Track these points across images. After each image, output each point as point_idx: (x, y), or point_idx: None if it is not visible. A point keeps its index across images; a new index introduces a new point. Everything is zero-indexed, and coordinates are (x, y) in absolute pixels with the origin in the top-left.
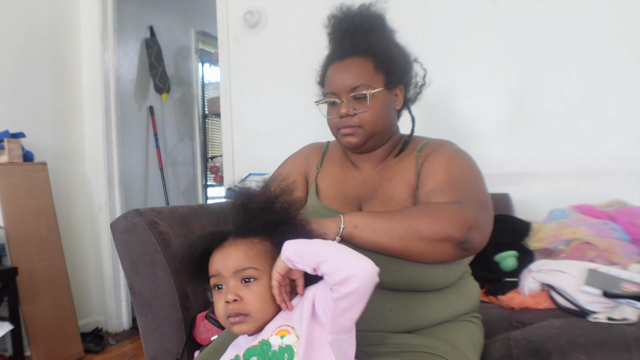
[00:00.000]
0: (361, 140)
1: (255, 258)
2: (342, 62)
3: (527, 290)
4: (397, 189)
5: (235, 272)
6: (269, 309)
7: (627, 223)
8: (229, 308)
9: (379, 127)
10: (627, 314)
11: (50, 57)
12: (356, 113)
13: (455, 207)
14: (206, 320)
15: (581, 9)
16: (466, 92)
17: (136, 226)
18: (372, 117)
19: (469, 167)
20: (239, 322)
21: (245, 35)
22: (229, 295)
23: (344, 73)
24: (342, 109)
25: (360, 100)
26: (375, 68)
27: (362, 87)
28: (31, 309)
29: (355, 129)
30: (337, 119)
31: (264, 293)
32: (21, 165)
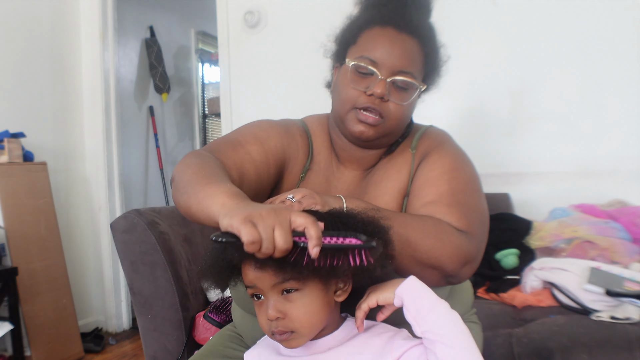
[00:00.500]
0: (376, 135)
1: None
2: (398, 34)
3: (529, 288)
4: (385, 196)
5: (274, 286)
6: (318, 321)
7: (628, 222)
8: (273, 325)
9: (400, 127)
10: (630, 313)
11: (50, 57)
12: (389, 100)
13: (461, 239)
14: (204, 320)
15: (581, 9)
16: (466, 92)
17: (136, 226)
18: (402, 115)
19: (472, 178)
20: (286, 340)
21: (245, 35)
22: (270, 311)
23: (398, 48)
24: (378, 88)
25: (401, 90)
26: (425, 63)
27: (411, 76)
28: (31, 309)
29: (378, 120)
30: (360, 94)
31: (310, 304)
32: (21, 165)
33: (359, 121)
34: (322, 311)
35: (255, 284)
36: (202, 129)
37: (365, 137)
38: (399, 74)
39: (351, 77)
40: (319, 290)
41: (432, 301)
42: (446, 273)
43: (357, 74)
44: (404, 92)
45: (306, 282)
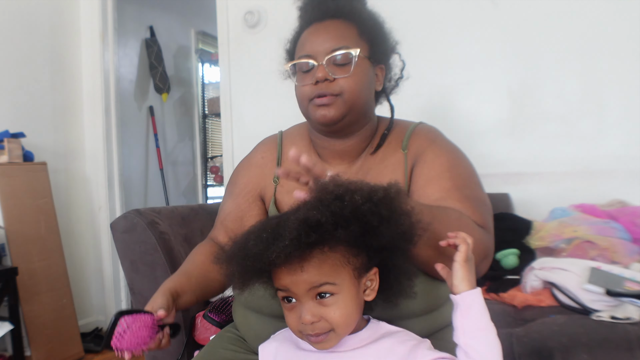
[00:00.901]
0: (339, 112)
1: (331, 270)
2: (321, 23)
3: (529, 287)
4: None
5: (309, 290)
6: (352, 322)
7: (628, 222)
8: (308, 328)
9: (360, 100)
10: (630, 312)
11: (50, 57)
12: (336, 78)
13: (482, 233)
14: (204, 320)
15: (581, 9)
16: (466, 92)
17: (136, 226)
18: (354, 85)
19: (472, 171)
20: (321, 341)
21: (245, 35)
22: (306, 316)
23: (324, 34)
24: (318, 72)
25: (343, 65)
26: (360, 34)
27: (344, 48)
28: (31, 309)
29: (333, 98)
30: (309, 87)
31: (346, 307)
32: (21, 165)
33: (317, 107)
34: (355, 312)
35: (289, 288)
36: (202, 129)
37: (329, 118)
38: (332, 52)
39: (298, 78)
40: (353, 292)
41: (487, 322)
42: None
43: (301, 73)
44: (346, 65)
45: (341, 286)
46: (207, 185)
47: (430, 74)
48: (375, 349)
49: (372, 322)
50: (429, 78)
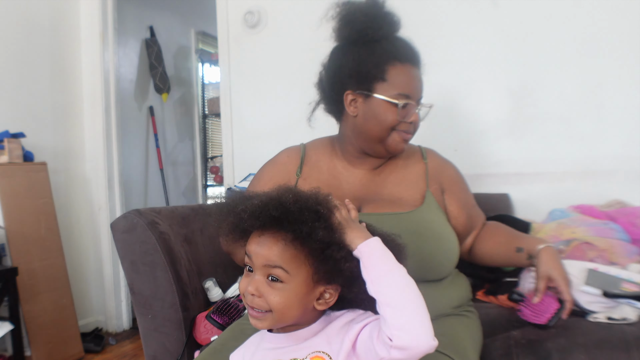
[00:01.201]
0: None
1: (290, 260)
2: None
3: (527, 290)
4: (409, 191)
5: (264, 265)
6: (288, 315)
7: (627, 223)
8: (249, 298)
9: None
10: (627, 313)
11: (50, 57)
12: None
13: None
14: (206, 321)
15: (581, 9)
16: (466, 92)
17: (136, 226)
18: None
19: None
20: (256, 317)
21: (245, 35)
22: (250, 286)
23: (418, 81)
24: (412, 117)
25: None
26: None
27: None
28: (31, 309)
29: (411, 136)
30: (399, 122)
31: (288, 299)
32: (21, 165)
33: (402, 140)
34: (296, 309)
35: (251, 255)
36: (202, 129)
37: (400, 150)
38: (419, 102)
39: (384, 106)
40: (300, 292)
41: (391, 265)
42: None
43: (394, 106)
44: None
45: (292, 278)
46: (207, 185)
47: (430, 74)
48: (324, 335)
49: (325, 314)
50: (429, 78)
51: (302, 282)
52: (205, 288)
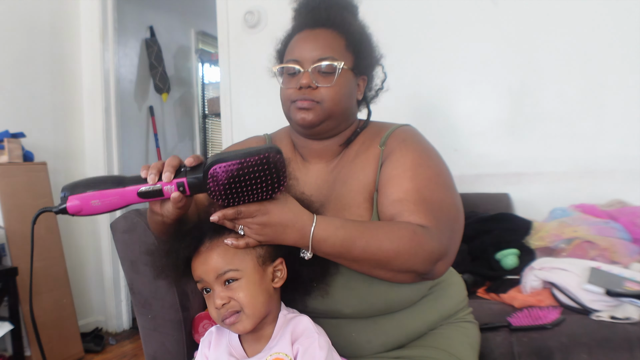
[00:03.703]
0: (317, 118)
1: (234, 258)
2: (312, 31)
3: (529, 288)
4: (352, 192)
5: (217, 277)
6: (259, 304)
7: (628, 222)
8: (221, 312)
9: (339, 108)
10: (630, 312)
11: (50, 57)
12: (318, 86)
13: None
14: (206, 321)
15: (581, 9)
16: (466, 92)
17: (136, 226)
18: (335, 95)
19: (437, 172)
20: (234, 322)
21: (245, 35)
22: (217, 300)
23: (313, 41)
24: (303, 79)
25: (327, 74)
26: (347, 46)
27: (330, 59)
28: None
29: (314, 104)
30: (293, 90)
31: (249, 289)
32: (21, 165)
33: (298, 109)
34: (262, 295)
35: (202, 277)
36: (202, 129)
37: (308, 122)
38: (318, 61)
39: (283, 80)
40: (256, 279)
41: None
42: (420, 273)
43: (287, 75)
44: (330, 75)
45: (244, 272)
46: None
47: (430, 74)
48: (282, 341)
49: (280, 317)
50: (429, 78)
51: (253, 270)
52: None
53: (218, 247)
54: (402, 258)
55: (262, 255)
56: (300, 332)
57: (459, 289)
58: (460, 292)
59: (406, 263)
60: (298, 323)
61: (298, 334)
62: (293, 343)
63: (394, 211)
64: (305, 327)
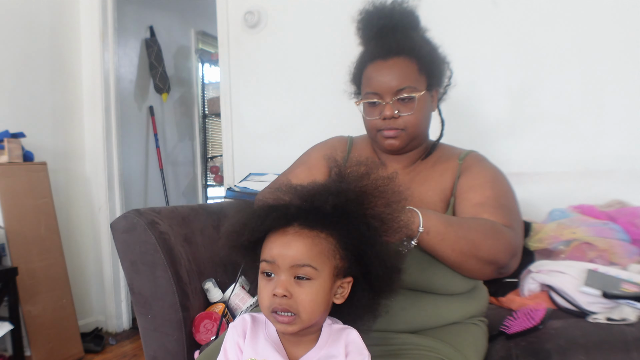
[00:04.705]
0: (403, 143)
1: (318, 256)
2: (385, 62)
3: (526, 291)
4: (429, 192)
5: (292, 266)
6: (317, 312)
7: (627, 223)
8: (277, 302)
9: (421, 130)
10: (627, 314)
11: (50, 57)
12: (400, 116)
13: (510, 233)
14: (206, 320)
15: (581, 9)
16: (466, 92)
17: (136, 226)
18: (416, 121)
19: (511, 188)
20: (285, 322)
21: (245, 35)
22: (278, 289)
23: (389, 74)
24: (386, 111)
25: (406, 102)
26: (419, 69)
27: (408, 89)
28: (31, 309)
29: (399, 132)
30: (378, 121)
31: (317, 295)
32: (21, 165)
33: (386, 138)
34: (323, 305)
35: (275, 259)
36: (202, 129)
37: (395, 147)
38: (397, 93)
39: (367, 111)
40: (327, 286)
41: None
42: (500, 266)
43: (369, 105)
44: (409, 103)
45: (320, 274)
46: (207, 185)
47: None
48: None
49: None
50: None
51: (328, 276)
52: (204, 289)
53: (307, 238)
54: (488, 243)
55: (340, 267)
56: (352, 347)
57: (485, 298)
58: (486, 300)
59: (491, 249)
60: (348, 336)
61: (350, 349)
62: (347, 355)
63: (474, 213)
64: (355, 341)
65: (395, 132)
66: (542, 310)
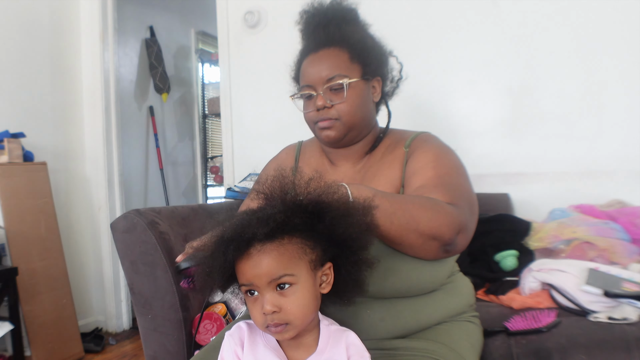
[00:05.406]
0: (340, 133)
1: (289, 262)
2: (316, 54)
3: (527, 289)
4: (379, 186)
5: (270, 282)
6: (309, 313)
7: (627, 223)
8: (269, 319)
9: (357, 119)
10: (628, 313)
11: (50, 57)
12: (333, 105)
13: (451, 208)
14: (206, 320)
15: (581, 9)
16: (466, 92)
17: (136, 226)
18: (349, 108)
19: (456, 164)
20: (280, 332)
21: (245, 35)
22: (267, 306)
23: (318, 64)
24: (318, 101)
25: (337, 91)
26: (351, 58)
27: (338, 77)
28: (31, 309)
29: (333, 121)
30: (313, 113)
31: (304, 298)
32: (21, 165)
33: (321, 129)
34: (312, 303)
35: (252, 281)
36: (202, 129)
37: (332, 138)
38: (327, 82)
39: (304, 105)
40: (310, 283)
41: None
42: (445, 241)
43: (305, 100)
44: (340, 91)
45: (299, 277)
46: (207, 185)
47: (430, 74)
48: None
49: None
50: (429, 78)
51: (307, 273)
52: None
53: (273, 251)
54: (427, 215)
55: (314, 260)
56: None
57: (469, 291)
58: (470, 293)
59: (430, 222)
60: (347, 338)
61: (352, 352)
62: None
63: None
64: (355, 343)
65: (329, 122)
66: (552, 317)
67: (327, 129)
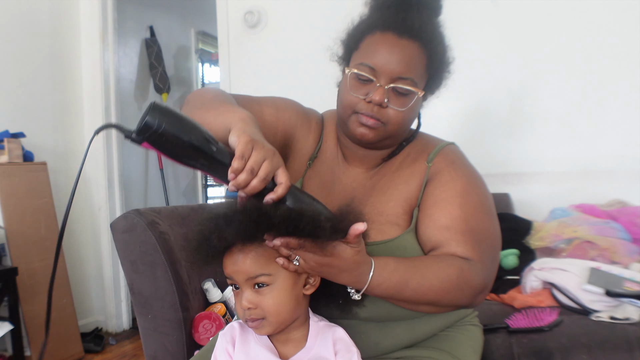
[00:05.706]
0: (377, 138)
1: (267, 264)
2: (398, 39)
3: (529, 288)
4: (391, 202)
5: (247, 280)
6: (285, 312)
7: (628, 222)
8: (247, 314)
9: (401, 132)
10: (630, 313)
11: (50, 57)
12: (389, 107)
13: (478, 274)
14: (206, 320)
15: (581, 9)
16: (466, 92)
17: (136, 226)
18: (402, 121)
19: (484, 199)
20: (257, 327)
21: (245, 35)
22: (244, 302)
23: (398, 54)
24: (376, 95)
25: (400, 95)
26: (427, 67)
27: (410, 82)
28: (31, 309)
29: (379, 124)
30: (360, 100)
31: (279, 298)
32: (21, 165)
33: (360, 124)
34: (290, 303)
35: (232, 276)
36: None
37: (366, 139)
38: (397, 80)
39: (351, 84)
40: (288, 285)
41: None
42: (462, 307)
43: (357, 80)
44: (404, 97)
45: (276, 277)
46: (207, 185)
47: None
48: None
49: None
50: None
51: (285, 276)
52: (204, 289)
53: (251, 252)
54: (450, 296)
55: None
56: (340, 345)
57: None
58: None
59: (453, 300)
60: (335, 334)
61: (339, 347)
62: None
63: (441, 238)
64: (342, 338)
65: (375, 123)
66: (554, 316)
67: (367, 127)
